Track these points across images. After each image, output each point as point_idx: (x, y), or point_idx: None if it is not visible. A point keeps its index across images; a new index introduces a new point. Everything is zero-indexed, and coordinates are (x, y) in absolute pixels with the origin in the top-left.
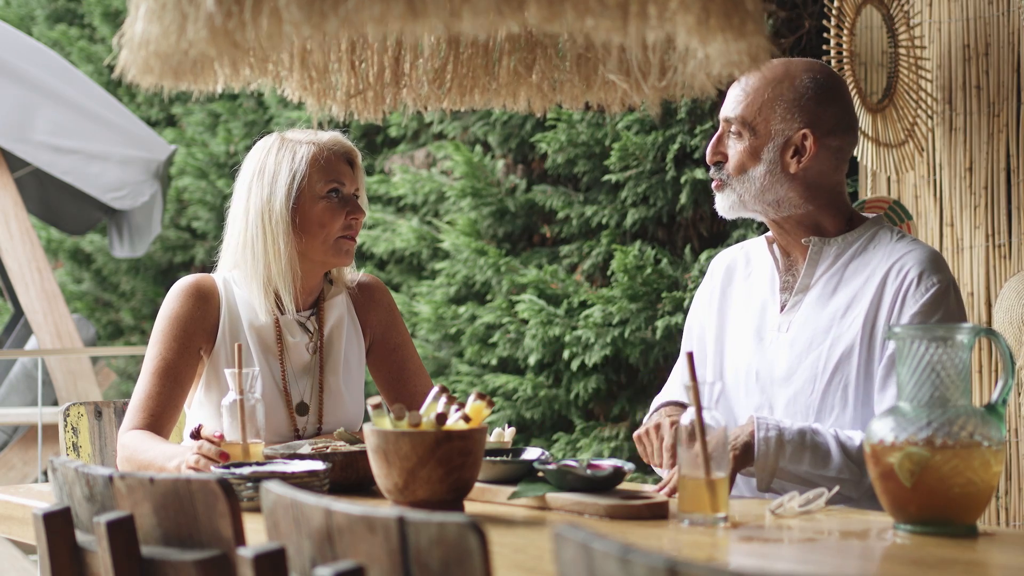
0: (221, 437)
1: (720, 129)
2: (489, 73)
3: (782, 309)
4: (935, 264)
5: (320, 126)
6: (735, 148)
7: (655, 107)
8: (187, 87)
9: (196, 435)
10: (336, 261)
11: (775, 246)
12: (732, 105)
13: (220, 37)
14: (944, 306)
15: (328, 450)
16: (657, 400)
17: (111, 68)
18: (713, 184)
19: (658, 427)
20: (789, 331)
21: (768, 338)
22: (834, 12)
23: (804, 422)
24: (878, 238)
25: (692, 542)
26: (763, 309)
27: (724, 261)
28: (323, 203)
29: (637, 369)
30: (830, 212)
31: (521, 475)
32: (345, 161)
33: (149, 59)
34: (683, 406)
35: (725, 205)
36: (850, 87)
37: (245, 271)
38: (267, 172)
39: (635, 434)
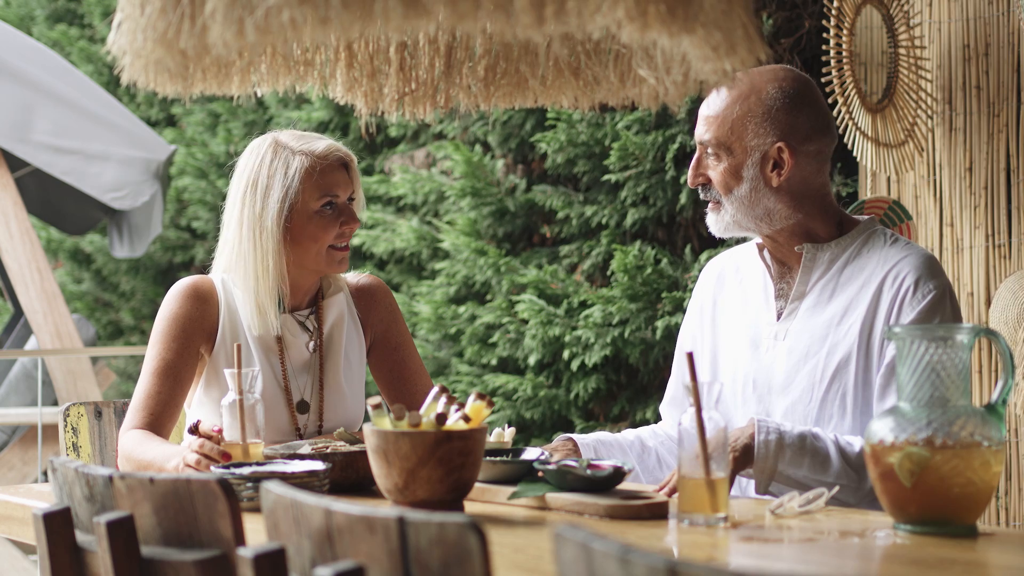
0: (220, 431)
1: (697, 152)
2: (535, 75)
3: (778, 317)
4: (931, 270)
5: (324, 128)
6: (716, 169)
7: (678, 103)
8: (211, 91)
9: (195, 430)
10: (329, 270)
11: (766, 252)
12: (703, 128)
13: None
14: (941, 312)
15: (328, 450)
16: (660, 408)
17: (111, 68)
18: (708, 206)
19: None
20: (786, 339)
21: (764, 346)
22: (834, 12)
23: (805, 427)
24: (871, 242)
25: (692, 542)
26: (757, 317)
27: (714, 270)
28: (316, 217)
29: (637, 369)
30: (820, 217)
31: (521, 475)
32: (340, 168)
33: (147, 65)
34: (572, 442)
35: (720, 226)
36: (850, 87)
37: (237, 281)
38: (260, 186)
39: None
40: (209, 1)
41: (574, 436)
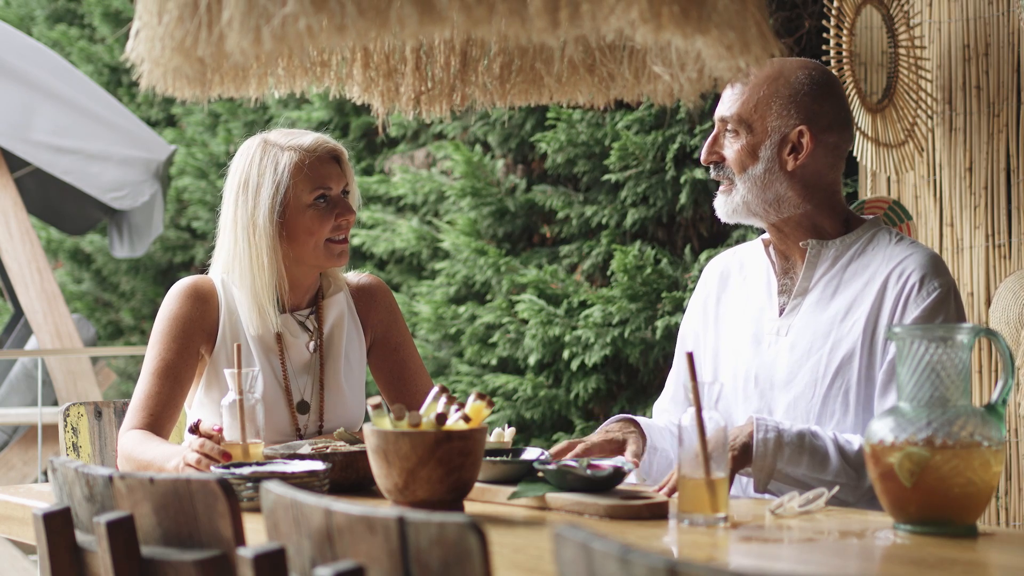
0: (220, 431)
1: (716, 129)
2: (551, 72)
3: (781, 313)
4: (936, 268)
5: (324, 128)
6: (733, 147)
7: (693, 99)
8: (229, 95)
9: (195, 429)
10: (329, 264)
11: (771, 248)
12: (728, 104)
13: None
14: (945, 311)
15: (328, 450)
16: (656, 406)
17: (111, 68)
18: (720, 187)
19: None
20: (788, 335)
21: (766, 342)
22: (834, 12)
23: (804, 425)
24: (876, 240)
25: (692, 542)
26: (760, 313)
27: (717, 267)
28: (311, 211)
29: (637, 369)
30: (828, 213)
31: (521, 475)
32: (331, 161)
33: (164, 71)
34: (634, 423)
35: (728, 209)
36: (850, 87)
37: (235, 281)
38: (251, 184)
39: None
40: (226, 10)
41: (634, 417)
